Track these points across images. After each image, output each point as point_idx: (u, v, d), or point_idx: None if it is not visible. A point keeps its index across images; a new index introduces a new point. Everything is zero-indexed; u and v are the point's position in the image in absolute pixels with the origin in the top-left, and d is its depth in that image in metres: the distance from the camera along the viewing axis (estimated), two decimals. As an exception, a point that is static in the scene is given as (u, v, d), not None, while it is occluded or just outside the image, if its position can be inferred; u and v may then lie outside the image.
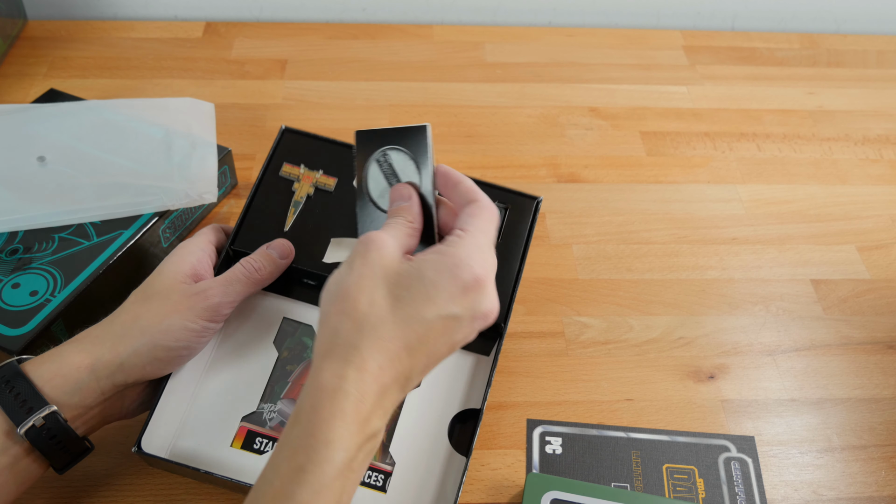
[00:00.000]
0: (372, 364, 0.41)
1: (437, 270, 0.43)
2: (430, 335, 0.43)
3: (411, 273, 0.43)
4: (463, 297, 0.43)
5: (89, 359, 0.47)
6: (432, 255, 0.44)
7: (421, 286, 0.42)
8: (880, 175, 0.83)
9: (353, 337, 0.41)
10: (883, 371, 0.65)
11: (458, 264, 0.43)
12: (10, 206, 0.66)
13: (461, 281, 0.43)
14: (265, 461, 0.52)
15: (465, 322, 0.44)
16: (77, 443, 0.47)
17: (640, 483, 0.56)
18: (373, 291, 0.42)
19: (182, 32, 0.97)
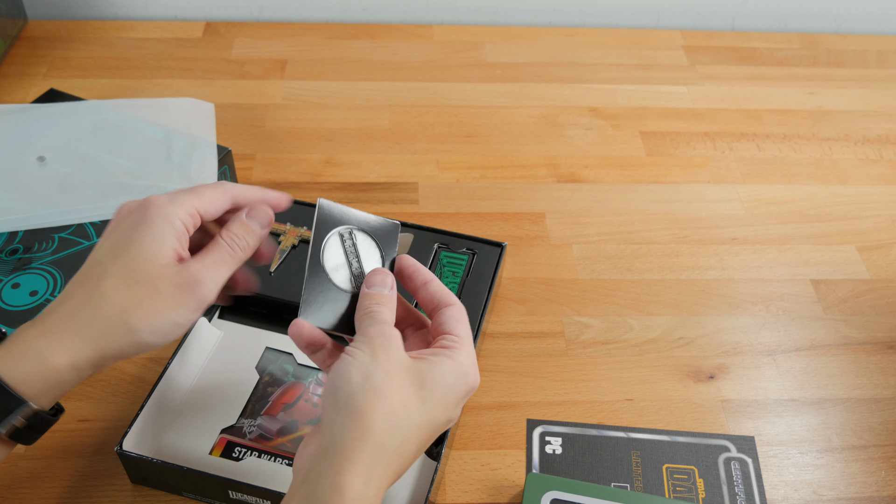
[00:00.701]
0: (391, 468, 0.41)
1: (456, 377, 0.44)
2: (432, 436, 0.44)
3: (433, 374, 0.43)
4: (461, 402, 0.45)
5: (70, 357, 0.43)
6: (446, 361, 0.44)
7: (443, 389, 0.43)
8: (880, 175, 0.83)
9: (385, 437, 0.41)
10: (883, 371, 0.65)
11: (468, 373, 0.45)
12: (10, 206, 0.66)
13: (468, 389, 0.45)
14: (243, 468, 0.53)
15: (449, 424, 0.45)
16: (49, 423, 0.45)
17: (640, 483, 0.56)
18: (406, 390, 0.42)
19: (182, 32, 0.97)
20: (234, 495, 0.52)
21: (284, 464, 0.54)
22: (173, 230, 0.45)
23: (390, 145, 0.83)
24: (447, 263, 0.65)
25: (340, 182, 0.78)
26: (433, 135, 0.84)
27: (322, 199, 0.49)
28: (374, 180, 0.79)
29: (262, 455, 0.54)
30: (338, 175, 0.79)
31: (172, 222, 0.45)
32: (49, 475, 0.55)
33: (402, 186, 0.78)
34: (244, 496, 0.51)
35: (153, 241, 0.44)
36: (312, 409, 0.57)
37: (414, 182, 0.79)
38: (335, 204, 0.49)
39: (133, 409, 0.58)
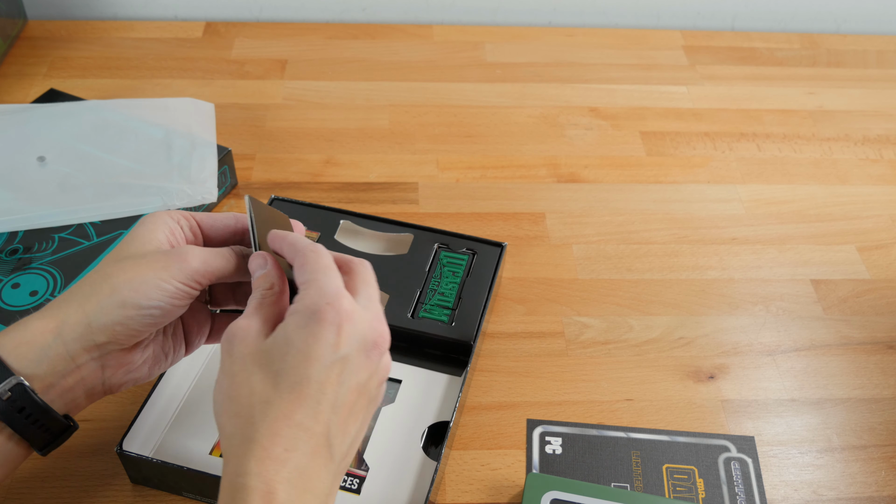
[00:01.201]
0: (276, 449, 0.39)
1: (300, 325, 0.41)
2: (325, 390, 0.41)
3: (278, 342, 0.41)
4: (337, 337, 0.41)
5: (54, 322, 0.43)
6: (289, 317, 0.42)
7: (294, 349, 0.41)
8: (880, 175, 0.83)
9: (247, 432, 0.39)
10: (883, 371, 0.65)
11: (316, 310, 0.41)
12: (10, 206, 0.66)
13: (327, 322, 0.41)
14: None
15: (356, 360, 0.42)
16: (53, 418, 0.44)
17: (640, 483, 0.56)
18: (249, 380, 0.41)
19: (182, 32, 0.97)
20: (234, 495, 0.52)
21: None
22: (164, 224, 0.47)
23: (390, 145, 0.83)
24: (447, 263, 0.65)
25: (340, 182, 0.78)
26: (433, 135, 0.84)
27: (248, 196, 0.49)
28: (374, 180, 0.79)
29: (262, 455, 0.54)
30: (338, 175, 0.79)
31: (163, 218, 0.47)
32: (49, 475, 0.55)
33: (402, 186, 0.78)
34: None
35: (145, 230, 0.47)
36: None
37: (414, 182, 0.79)
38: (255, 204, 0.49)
39: (133, 409, 0.58)
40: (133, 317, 0.44)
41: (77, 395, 0.45)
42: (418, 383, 0.59)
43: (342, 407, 0.41)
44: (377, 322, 0.44)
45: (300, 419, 0.40)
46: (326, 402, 0.41)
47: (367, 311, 0.43)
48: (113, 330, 0.44)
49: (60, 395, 0.44)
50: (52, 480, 0.55)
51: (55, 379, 0.44)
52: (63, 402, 0.45)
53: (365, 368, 0.43)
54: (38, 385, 0.43)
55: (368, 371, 0.43)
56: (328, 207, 0.69)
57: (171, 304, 0.45)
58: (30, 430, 0.43)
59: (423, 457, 0.55)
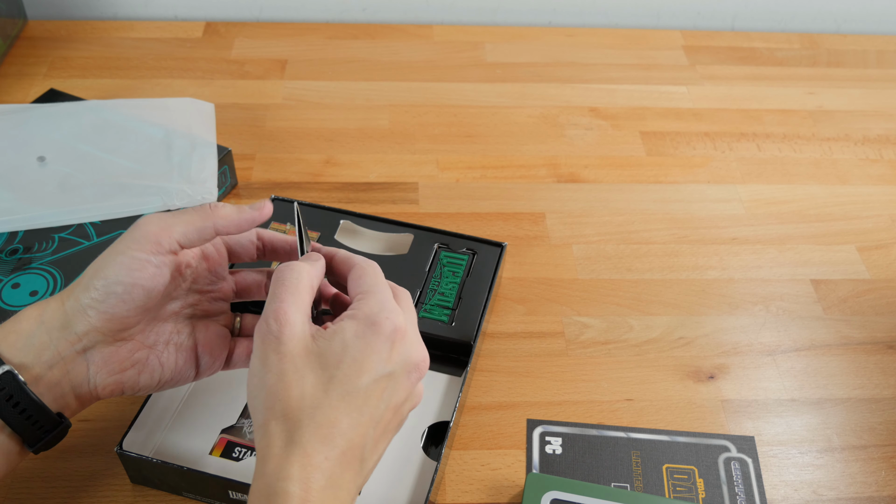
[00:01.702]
0: (318, 457, 0.39)
1: (359, 334, 0.42)
2: (370, 402, 0.41)
3: (334, 347, 0.41)
4: (390, 352, 0.42)
5: (37, 310, 0.44)
6: (346, 322, 0.42)
7: (348, 356, 0.41)
8: (880, 175, 0.83)
9: (293, 434, 0.39)
10: (883, 371, 0.65)
11: (375, 321, 0.42)
12: (10, 206, 0.66)
13: (383, 336, 0.42)
14: (243, 468, 0.53)
15: (399, 378, 0.43)
16: (44, 413, 0.43)
17: (640, 483, 0.56)
18: (301, 383, 0.40)
19: (182, 32, 0.97)
20: (234, 495, 0.52)
21: (284, 464, 0.54)
22: (153, 223, 0.46)
23: (390, 145, 0.83)
24: (447, 263, 0.65)
25: (340, 182, 0.78)
26: (433, 135, 0.84)
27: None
28: (374, 180, 0.79)
29: (262, 455, 0.54)
30: (338, 175, 0.79)
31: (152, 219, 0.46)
32: (49, 475, 0.55)
33: (402, 186, 0.78)
34: (244, 496, 0.51)
35: (135, 228, 0.46)
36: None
37: (414, 182, 0.79)
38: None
39: (133, 409, 0.58)
40: (100, 298, 0.43)
41: (65, 391, 0.45)
42: None
43: (380, 423, 0.42)
44: (421, 345, 0.45)
45: (344, 429, 0.40)
46: (369, 415, 0.41)
47: (415, 333, 0.45)
48: (86, 315, 0.44)
49: (49, 389, 0.44)
50: (52, 480, 0.54)
51: (42, 370, 0.43)
52: (52, 396, 0.44)
53: (405, 389, 0.43)
54: (25, 375, 0.43)
55: (406, 392, 0.44)
56: (328, 207, 0.69)
57: (133, 277, 0.43)
58: (20, 424, 0.43)
59: (423, 457, 0.55)
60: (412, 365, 0.43)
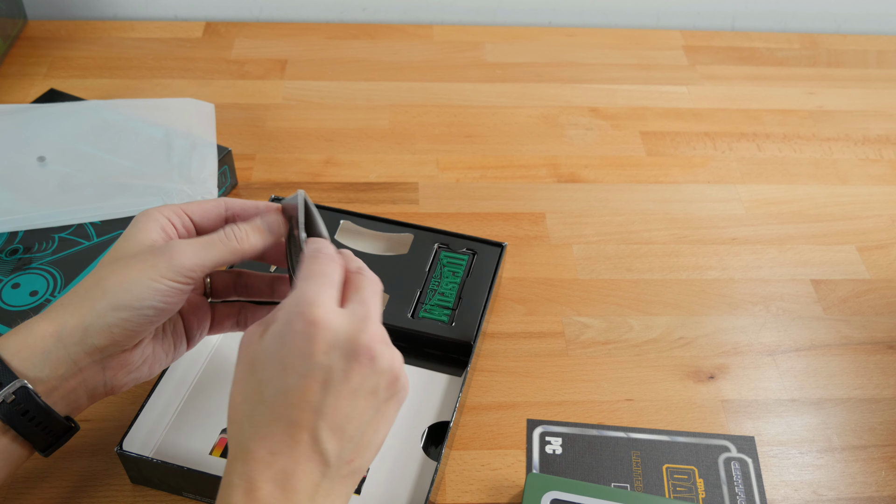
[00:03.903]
0: (260, 452, 0.40)
1: (275, 333, 0.41)
2: (308, 397, 0.40)
3: (264, 349, 0.42)
4: (310, 345, 0.40)
5: (53, 326, 0.44)
6: (272, 324, 0.42)
7: (272, 358, 0.41)
8: (880, 175, 0.83)
9: (239, 437, 0.41)
10: (883, 371, 0.65)
11: (287, 319, 0.41)
12: (10, 206, 0.66)
13: (298, 333, 0.40)
14: None
15: (338, 367, 0.41)
16: (55, 420, 0.44)
17: (640, 483, 0.56)
18: (243, 388, 0.42)
19: (182, 32, 0.97)
20: (234, 495, 0.52)
21: (284, 464, 0.54)
22: (156, 222, 0.47)
23: (390, 145, 0.83)
24: (447, 263, 0.65)
25: (340, 182, 0.78)
26: (433, 135, 0.84)
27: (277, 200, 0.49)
28: (374, 180, 0.79)
29: (262, 455, 0.54)
30: (338, 175, 0.79)
31: (154, 216, 0.47)
32: (49, 475, 0.55)
33: (402, 186, 0.78)
34: None
35: (137, 230, 0.47)
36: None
37: (414, 182, 0.79)
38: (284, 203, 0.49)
39: (133, 409, 0.58)
40: (129, 318, 0.44)
41: (79, 396, 0.46)
42: (418, 383, 0.59)
43: (331, 413, 0.41)
44: (361, 326, 0.42)
45: (283, 426, 0.40)
46: (309, 410, 0.40)
47: (346, 317, 0.42)
48: (110, 332, 0.44)
49: (63, 398, 0.45)
50: (52, 480, 0.54)
51: (58, 382, 0.44)
52: (65, 403, 0.45)
53: (356, 374, 0.41)
54: (40, 388, 0.44)
55: (362, 375, 0.41)
56: (328, 207, 0.69)
57: (164, 303, 0.45)
58: (32, 432, 0.44)
59: (423, 457, 0.55)
60: (351, 350, 0.41)
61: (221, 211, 0.49)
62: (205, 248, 0.46)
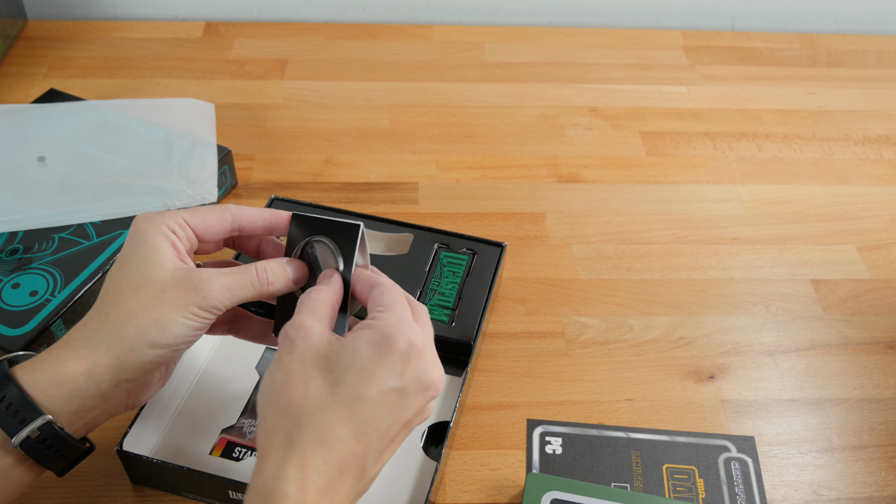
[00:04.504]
0: (316, 459, 0.39)
1: (372, 344, 0.42)
2: (377, 414, 0.41)
3: (346, 352, 0.42)
4: (404, 367, 0.42)
5: (85, 364, 0.43)
6: (363, 331, 0.42)
7: (358, 364, 0.41)
8: (880, 175, 0.83)
9: (292, 434, 0.40)
10: (883, 371, 0.65)
11: (391, 334, 0.42)
12: (10, 206, 0.66)
13: (398, 350, 0.42)
14: (243, 468, 0.53)
15: (411, 395, 0.42)
16: (74, 448, 0.45)
17: (640, 483, 0.56)
18: (306, 382, 0.41)
19: (182, 32, 0.97)
20: (234, 495, 0.52)
21: (284, 464, 0.54)
22: (164, 236, 0.46)
23: (390, 145, 0.83)
24: (447, 263, 0.65)
25: (340, 182, 0.78)
26: (433, 135, 0.84)
27: (296, 212, 0.49)
28: (374, 180, 0.79)
29: (262, 455, 0.54)
30: (338, 175, 0.79)
31: (161, 230, 0.46)
32: (49, 475, 0.54)
33: (402, 186, 0.78)
34: (244, 496, 0.51)
35: (149, 248, 0.45)
36: (312, 409, 0.57)
37: (414, 182, 0.79)
38: (307, 214, 0.49)
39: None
40: (164, 354, 0.44)
41: (100, 419, 0.46)
42: None
43: (386, 436, 0.42)
44: (438, 364, 0.45)
45: (346, 435, 0.40)
46: (374, 427, 0.41)
47: (433, 352, 0.44)
48: (143, 368, 0.44)
49: (86, 424, 0.45)
50: (52, 480, 0.54)
51: (83, 413, 0.44)
52: (87, 429, 0.46)
53: (416, 406, 0.43)
54: (64, 420, 0.44)
55: (417, 409, 0.43)
56: (328, 207, 0.69)
57: (195, 336, 0.45)
58: (52, 460, 0.44)
59: (423, 457, 0.55)
60: (426, 383, 0.43)
61: (227, 224, 0.49)
62: (236, 288, 0.46)
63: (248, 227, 0.49)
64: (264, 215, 0.49)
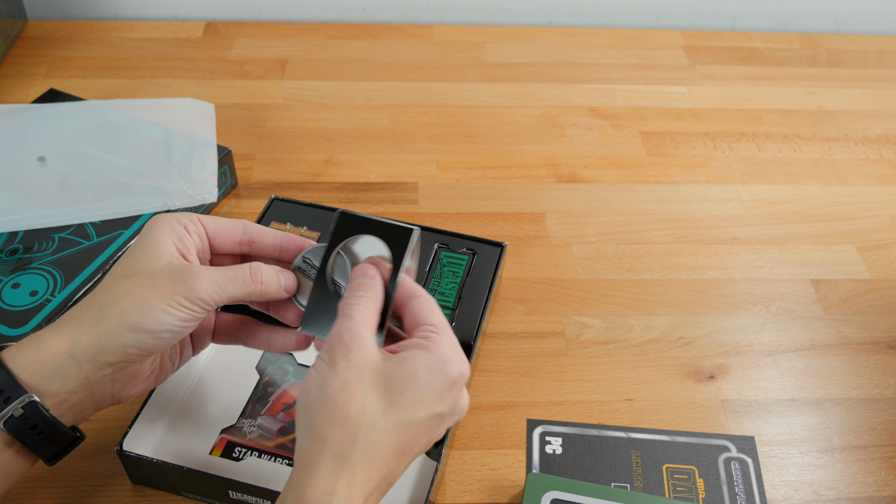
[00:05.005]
0: (361, 476, 0.40)
1: (429, 369, 0.42)
2: (419, 437, 0.42)
3: (403, 374, 0.42)
4: (448, 394, 0.43)
5: (67, 342, 0.43)
6: (419, 353, 0.43)
7: (414, 387, 0.42)
8: (880, 175, 0.83)
9: (344, 447, 0.40)
10: (883, 371, 0.65)
11: (447, 361, 0.43)
12: (10, 206, 0.66)
13: (450, 379, 0.43)
14: (243, 468, 0.53)
15: (446, 419, 0.44)
16: (62, 433, 0.44)
17: (640, 483, 0.56)
18: (364, 396, 0.41)
19: (182, 32, 0.97)
20: (234, 495, 0.52)
21: (284, 464, 0.54)
22: (172, 231, 0.46)
23: (390, 145, 0.83)
24: (447, 263, 0.65)
25: (340, 182, 0.78)
26: (433, 135, 0.84)
27: (343, 209, 0.49)
28: (374, 180, 0.79)
29: (262, 455, 0.54)
30: (338, 175, 0.79)
31: (171, 225, 0.47)
32: (49, 475, 0.55)
33: (402, 186, 0.78)
34: (244, 496, 0.51)
35: (152, 240, 0.46)
36: (312, 409, 0.57)
37: (414, 182, 0.79)
38: (356, 213, 0.48)
39: (133, 409, 0.58)
40: (145, 340, 0.44)
41: (86, 407, 0.46)
42: None
43: (415, 456, 0.43)
44: (466, 391, 0.46)
45: (389, 455, 0.41)
46: (412, 448, 0.43)
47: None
48: (125, 352, 0.44)
49: (70, 409, 0.45)
50: (52, 480, 0.55)
51: (67, 395, 0.44)
52: (72, 414, 0.45)
53: (444, 429, 0.45)
54: (49, 402, 0.44)
55: (442, 432, 0.45)
56: (328, 207, 0.69)
57: (180, 327, 0.45)
58: (39, 445, 0.44)
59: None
60: (460, 410, 0.45)
61: (238, 233, 0.49)
62: (226, 283, 0.46)
63: (259, 242, 0.49)
64: (276, 234, 0.49)
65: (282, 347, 0.51)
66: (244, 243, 0.49)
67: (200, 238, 0.48)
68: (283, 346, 0.51)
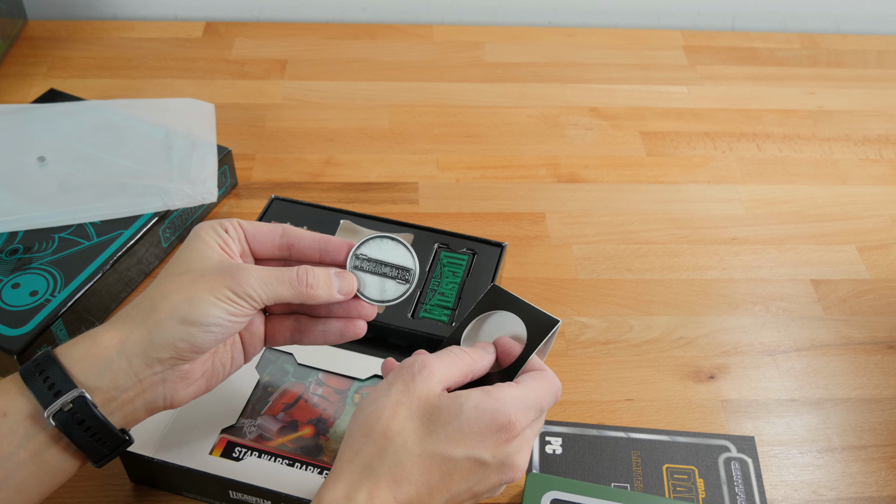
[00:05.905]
0: (386, 493, 0.41)
1: (478, 409, 0.43)
2: (454, 475, 0.42)
3: (450, 409, 0.43)
4: (493, 438, 0.43)
5: (118, 337, 0.44)
6: (476, 393, 0.43)
7: (457, 423, 0.42)
8: (880, 175, 0.83)
9: (373, 459, 0.41)
10: (883, 371, 0.65)
11: (500, 408, 0.43)
12: (10, 206, 0.66)
13: (497, 423, 0.43)
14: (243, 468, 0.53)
15: (492, 470, 0.43)
16: (110, 432, 0.44)
17: (640, 483, 0.56)
18: (406, 420, 0.42)
19: (182, 32, 0.97)
20: (234, 495, 0.52)
21: (284, 464, 0.54)
22: (216, 234, 0.48)
23: (390, 145, 0.83)
24: (447, 263, 0.65)
25: (340, 182, 0.78)
26: (433, 135, 0.84)
27: (496, 284, 0.50)
28: (374, 180, 0.79)
29: (262, 455, 0.54)
30: (338, 175, 0.79)
31: (215, 228, 0.48)
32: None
33: (402, 186, 0.78)
34: (244, 496, 0.51)
35: (200, 242, 0.47)
36: (312, 409, 0.57)
37: (414, 182, 0.79)
38: (507, 291, 0.49)
39: (133, 409, 0.58)
40: (194, 333, 0.44)
41: (137, 408, 0.46)
42: None
43: (454, 499, 0.43)
44: (528, 454, 0.45)
45: (419, 482, 0.42)
46: (447, 486, 0.42)
47: (529, 443, 0.45)
48: (175, 346, 0.44)
49: (119, 408, 0.45)
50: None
51: (116, 393, 0.44)
52: (122, 414, 0.45)
53: (492, 482, 0.44)
54: (98, 398, 0.44)
55: (491, 486, 0.44)
56: (328, 207, 0.69)
57: (229, 321, 0.45)
58: (87, 443, 0.44)
59: None
60: (510, 466, 0.44)
61: (276, 237, 0.50)
62: (272, 282, 0.46)
63: (298, 245, 0.50)
64: (315, 236, 0.50)
65: (338, 337, 0.51)
66: (283, 247, 0.50)
67: (240, 242, 0.49)
68: (341, 335, 0.51)
